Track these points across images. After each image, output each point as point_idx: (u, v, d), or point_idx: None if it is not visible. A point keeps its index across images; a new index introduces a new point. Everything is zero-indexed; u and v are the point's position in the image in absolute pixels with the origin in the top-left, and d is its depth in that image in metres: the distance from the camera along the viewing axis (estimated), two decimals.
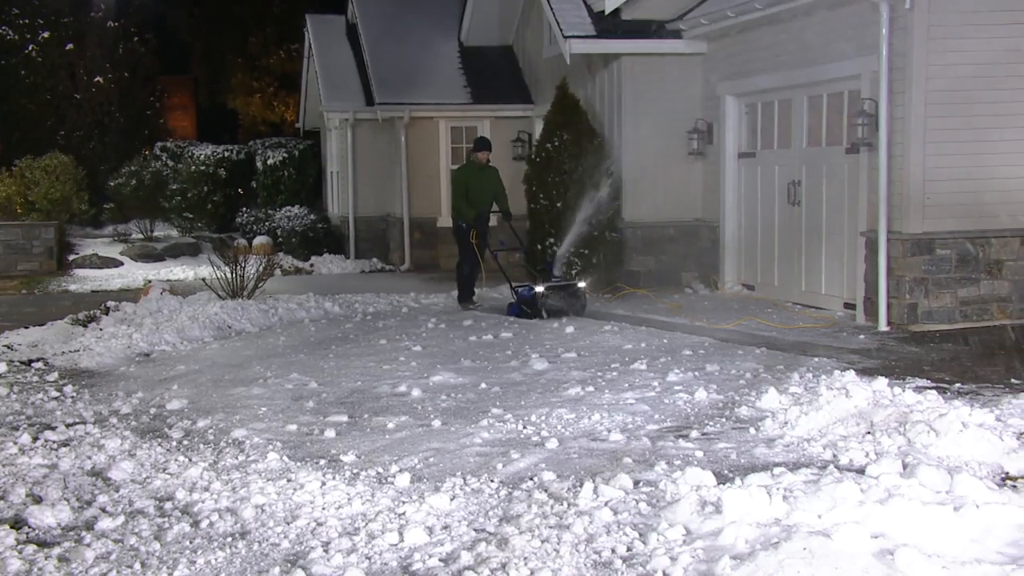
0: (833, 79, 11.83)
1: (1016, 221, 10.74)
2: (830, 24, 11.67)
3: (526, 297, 12.12)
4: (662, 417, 7.15)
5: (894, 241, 10.69)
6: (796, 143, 12.85)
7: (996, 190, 10.61)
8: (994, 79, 10.48)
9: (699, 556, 4.38)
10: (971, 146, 10.53)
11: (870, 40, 10.74)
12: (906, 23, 10.40)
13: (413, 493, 5.49)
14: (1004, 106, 10.54)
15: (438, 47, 19.71)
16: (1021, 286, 10.83)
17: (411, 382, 8.47)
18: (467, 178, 13.33)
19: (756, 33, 13.12)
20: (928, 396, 6.79)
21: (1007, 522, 4.47)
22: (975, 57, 10.39)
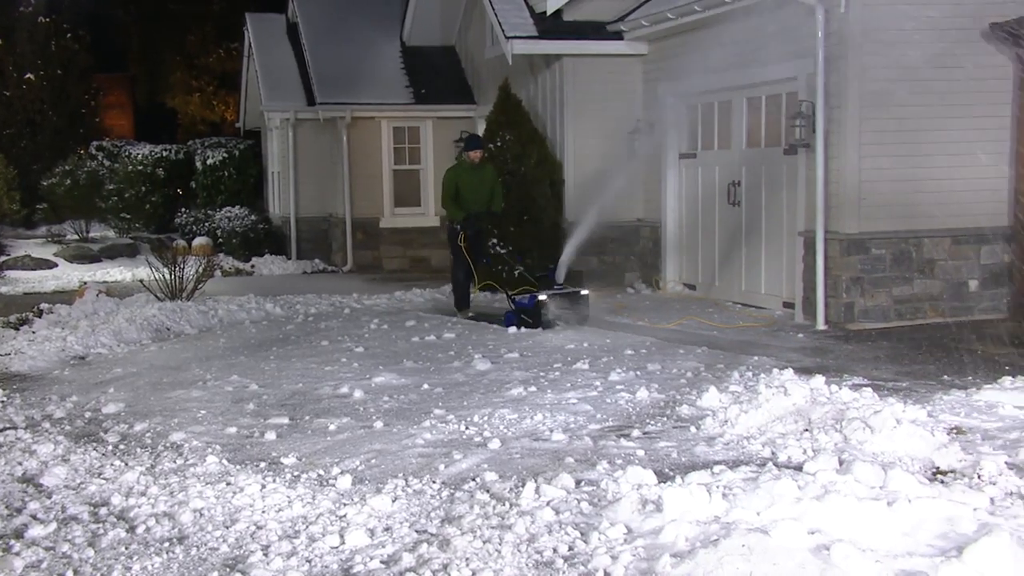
0: (771, 81, 11.99)
1: (948, 221, 10.96)
2: (768, 27, 11.79)
3: (527, 306, 11.21)
4: (604, 416, 7.18)
5: (831, 241, 10.86)
6: (736, 144, 13.00)
7: (928, 191, 10.82)
8: (926, 82, 10.69)
9: (640, 555, 4.41)
10: (904, 148, 10.72)
11: (807, 43, 10.89)
12: (841, 26, 10.57)
13: (355, 495, 5.46)
14: (935, 109, 10.75)
15: (380, 47, 19.62)
16: (952, 285, 11.06)
17: (353, 383, 8.43)
18: (456, 179, 12.51)
19: (696, 35, 13.24)
20: (864, 393, 6.91)
21: (937, 515, 4.55)
22: (908, 60, 10.58)
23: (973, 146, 10.93)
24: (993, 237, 11.08)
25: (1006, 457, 5.59)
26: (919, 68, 10.63)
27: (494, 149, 14.52)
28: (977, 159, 10.94)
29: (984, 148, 10.96)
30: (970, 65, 10.79)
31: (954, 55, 10.73)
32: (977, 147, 10.94)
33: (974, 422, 6.45)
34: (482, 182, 12.55)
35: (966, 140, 10.89)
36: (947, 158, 10.84)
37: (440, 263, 19.07)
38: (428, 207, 19.31)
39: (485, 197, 12.55)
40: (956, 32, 10.72)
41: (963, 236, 11.03)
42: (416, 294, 14.61)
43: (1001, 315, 11.08)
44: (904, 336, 10.19)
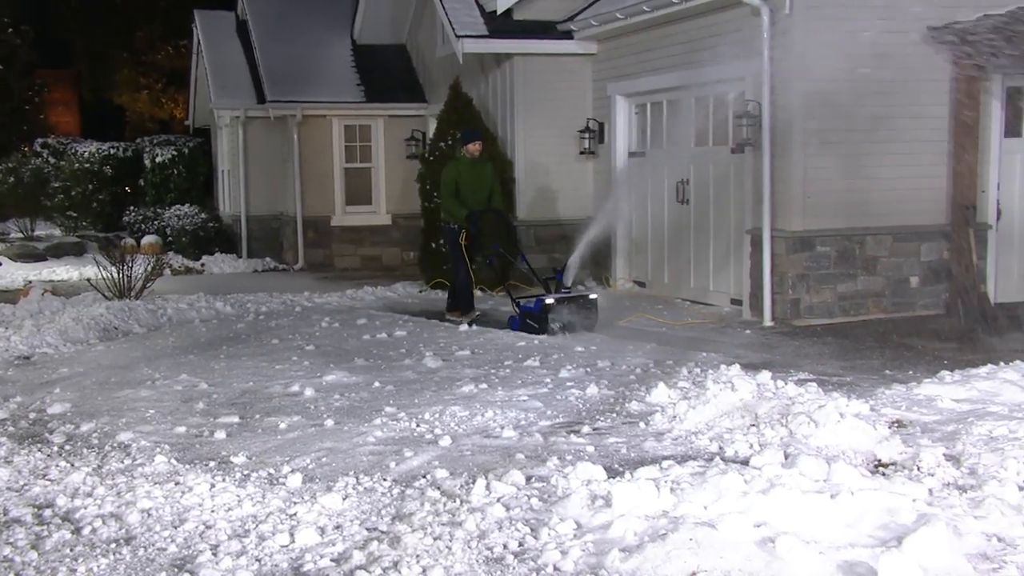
0: (719, 80, 12.06)
1: (890, 219, 11.12)
2: (716, 27, 11.91)
3: (533, 310, 10.57)
4: (554, 413, 7.20)
5: (777, 239, 10.97)
6: (684, 143, 13.09)
7: (871, 189, 10.98)
8: (868, 84, 10.83)
9: (589, 549, 4.43)
10: (847, 147, 10.86)
11: (753, 44, 10.99)
12: (786, 28, 10.68)
13: (305, 493, 5.42)
14: (878, 109, 10.89)
15: (330, 45, 19.50)
16: (894, 282, 11.22)
17: (304, 382, 8.37)
18: (456, 175, 11.67)
19: (645, 35, 13.32)
20: (809, 388, 6.98)
21: (878, 507, 4.62)
22: (849, 62, 10.70)
23: (914, 146, 11.11)
24: (933, 235, 11.27)
25: (944, 449, 5.69)
26: (862, 70, 10.77)
27: (444, 147, 14.53)
28: (918, 159, 11.13)
29: (924, 148, 11.15)
30: (910, 67, 10.96)
31: (895, 57, 10.88)
32: (917, 147, 11.13)
33: (914, 415, 6.55)
34: (482, 178, 11.80)
35: (907, 140, 11.07)
36: (889, 157, 11.00)
37: (391, 261, 19.06)
38: (379, 205, 19.24)
39: (485, 194, 11.80)
40: (897, 35, 10.87)
41: (904, 234, 11.21)
42: (367, 292, 14.56)
43: (940, 311, 11.26)
44: (848, 332, 10.33)
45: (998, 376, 7.22)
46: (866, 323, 10.83)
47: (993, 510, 4.67)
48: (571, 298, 10.71)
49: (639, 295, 13.64)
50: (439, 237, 12.07)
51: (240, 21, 21.29)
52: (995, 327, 10.47)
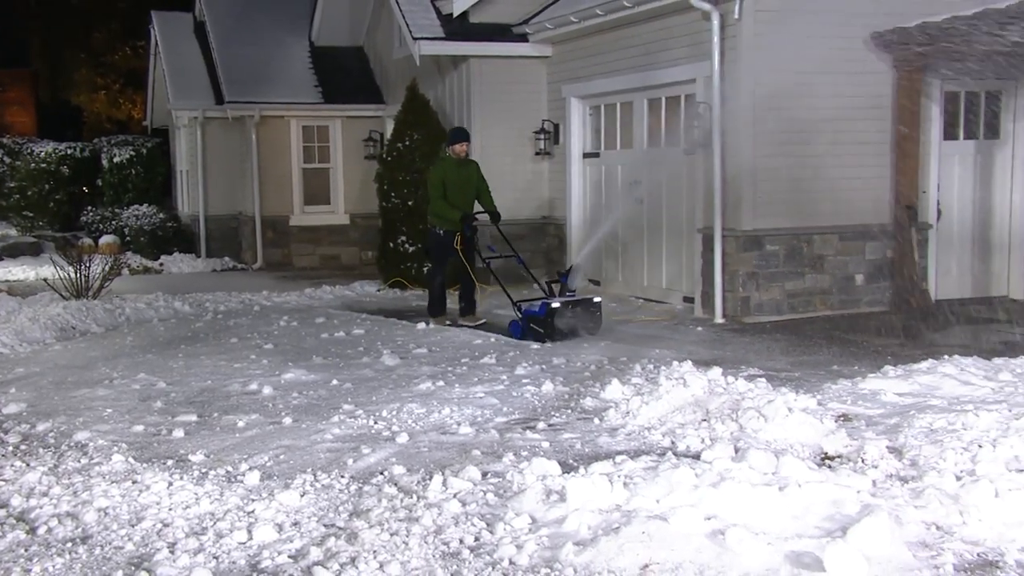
0: (671, 83, 12.15)
1: (836, 219, 11.25)
2: (667, 31, 11.98)
3: (538, 315, 9.96)
4: (510, 410, 7.20)
5: (728, 238, 11.06)
6: (637, 144, 13.15)
7: (818, 190, 11.09)
8: (815, 87, 10.94)
9: (544, 543, 4.43)
10: (795, 148, 10.98)
11: (704, 47, 11.07)
12: (735, 32, 10.77)
13: (263, 491, 5.37)
14: (824, 112, 11.02)
15: (289, 47, 19.38)
16: (840, 279, 11.36)
17: (262, 380, 8.31)
18: (443, 176, 11.08)
19: (598, 38, 13.36)
20: (758, 384, 7.03)
21: (824, 499, 4.67)
22: (796, 66, 10.82)
23: (858, 148, 11.25)
24: (877, 234, 11.41)
25: (887, 442, 5.76)
26: (809, 73, 10.88)
27: (402, 148, 14.49)
28: (862, 160, 11.26)
29: (868, 150, 11.29)
30: (855, 72, 11.09)
31: (840, 62, 11.00)
32: (862, 149, 11.27)
33: (859, 409, 6.63)
34: (469, 179, 11.24)
35: (852, 142, 11.20)
36: (835, 159, 11.12)
37: (350, 260, 18.97)
38: (338, 205, 19.16)
39: (472, 196, 11.26)
40: (842, 40, 10.99)
41: (850, 233, 11.34)
42: (326, 291, 14.48)
43: (884, 308, 11.41)
44: (796, 328, 10.42)
45: (938, 371, 7.33)
46: (813, 320, 10.94)
47: (932, 500, 4.74)
48: (576, 302, 10.17)
49: (594, 293, 13.65)
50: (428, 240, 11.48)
51: (198, 22, 21.09)
52: (936, 323, 10.63)
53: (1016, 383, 7.00)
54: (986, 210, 12.17)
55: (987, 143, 12.14)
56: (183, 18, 21.63)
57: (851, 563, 4.02)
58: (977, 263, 12.17)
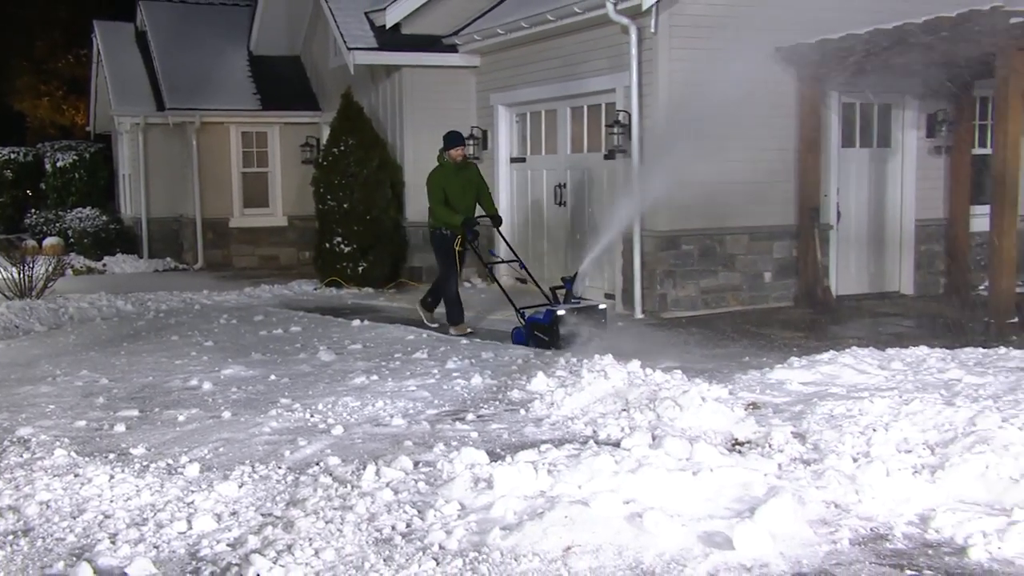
0: (592, 92, 12.22)
1: (746, 220, 11.42)
2: (589, 43, 12.04)
3: (543, 322, 9.34)
4: (441, 402, 7.17)
5: (646, 238, 11.16)
6: (561, 150, 13.20)
7: (730, 193, 11.22)
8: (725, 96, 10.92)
9: (472, 528, 4.42)
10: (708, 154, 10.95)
11: (623, 59, 11.15)
12: (652, 45, 10.87)
13: (202, 482, 5.27)
14: (735, 120, 11.05)
15: (228, 55, 19.11)
16: (750, 277, 11.53)
17: (202, 376, 8.17)
18: (443, 182, 10.41)
19: (524, 49, 13.38)
20: (675, 375, 7.10)
21: (734, 482, 4.74)
22: (707, 77, 10.90)
23: (766, 154, 11.42)
24: (783, 235, 11.61)
25: (792, 427, 5.85)
26: (721, 84, 10.97)
27: (337, 153, 14.35)
28: (770, 165, 11.44)
29: (775, 156, 11.47)
30: (762, 83, 11.23)
31: (749, 74, 11.12)
32: (770, 155, 11.45)
33: (767, 397, 6.72)
34: (468, 183, 10.55)
35: (761, 148, 11.37)
36: (745, 164, 11.27)
37: (288, 261, 18.76)
38: (276, 208, 18.96)
39: (473, 200, 10.58)
40: (750, 54, 11.10)
41: (759, 233, 11.51)
42: (265, 290, 14.30)
43: (790, 303, 11.62)
44: (710, 323, 10.55)
45: (838, 361, 7.48)
46: (726, 315, 11.09)
47: (832, 481, 4.83)
48: (582, 309, 9.53)
49: (522, 291, 13.62)
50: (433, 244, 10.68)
51: (139, 31, 20.67)
52: (836, 317, 10.85)
53: (906, 371, 7.17)
54: (880, 213, 12.47)
55: (880, 151, 12.44)
56: (125, 27, 21.18)
57: (758, 541, 4.08)
58: (873, 261, 12.46)
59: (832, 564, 4.02)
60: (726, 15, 11.01)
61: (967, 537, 4.19)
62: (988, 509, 4.49)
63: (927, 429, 5.44)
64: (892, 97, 12.21)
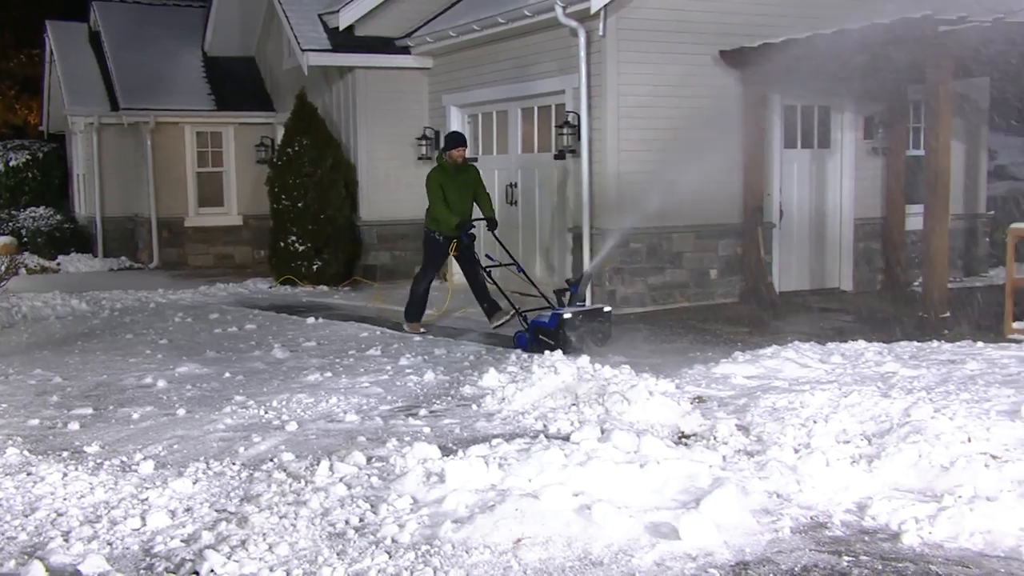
0: (542, 93, 12.23)
1: (692, 218, 11.50)
2: (539, 46, 12.05)
3: (548, 326, 8.80)
4: (394, 398, 7.14)
5: (595, 236, 11.19)
6: (512, 150, 13.21)
7: (677, 192, 11.27)
8: (673, 99, 11.16)
9: (424, 522, 4.40)
10: (655, 154, 11.16)
11: (572, 61, 11.18)
12: (600, 48, 10.90)
13: (157, 479, 5.20)
14: (682, 121, 11.22)
15: (182, 56, 18.86)
16: (696, 274, 11.62)
17: (157, 374, 8.06)
18: (441, 182, 10.02)
19: (476, 51, 13.36)
20: (623, 370, 7.14)
21: (680, 473, 4.77)
22: (654, 79, 11.03)
23: (712, 154, 11.46)
24: (728, 233, 11.71)
25: (736, 420, 5.91)
26: (668, 86, 11.09)
27: (292, 153, 14.22)
28: (715, 165, 11.50)
29: (721, 156, 11.53)
30: (708, 85, 11.36)
31: (695, 76, 11.26)
32: (715, 155, 11.48)
33: (712, 391, 6.79)
34: (466, 185, 10.14)
35: (706, 149, 11.40)
36: (691, 164, 11.27)
37: (243, 259, 18.57)
38: (231, 207, 18.76)
39: (470, 202, 10.18)
40: (695, 56, 11.25)
41: (705, 232, 11.61)
42: (220, 289, 14.14)
43: (735, 299, 11.73)
44: (658, 319, 10.61)
45: (781, 355, 7.57)
46: (673, 311, 11.16)
47: (774, 471, 4.89)
48: (587, 312, 9.09)
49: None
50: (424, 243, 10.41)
51: (93, 32, 20.33)
52: (779, 313, 10.97)
53: (846, 365, 7.27)
54: (821, 211, 12.64)
55: (821, 152, 12.61)
56: (78, 27, 20.81)
57: (703, 531, 4.12)
58: (814, 259, 12.62)
59: (774, 552, 4.07)
60: (673, 19, 11.09)
61: (901, 523, 4.26)
62: (921, 496, 4.58)
63: (865, 420, 5.53)
64: (831, 100, 12.38)
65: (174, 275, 16.78)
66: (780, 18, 11.23)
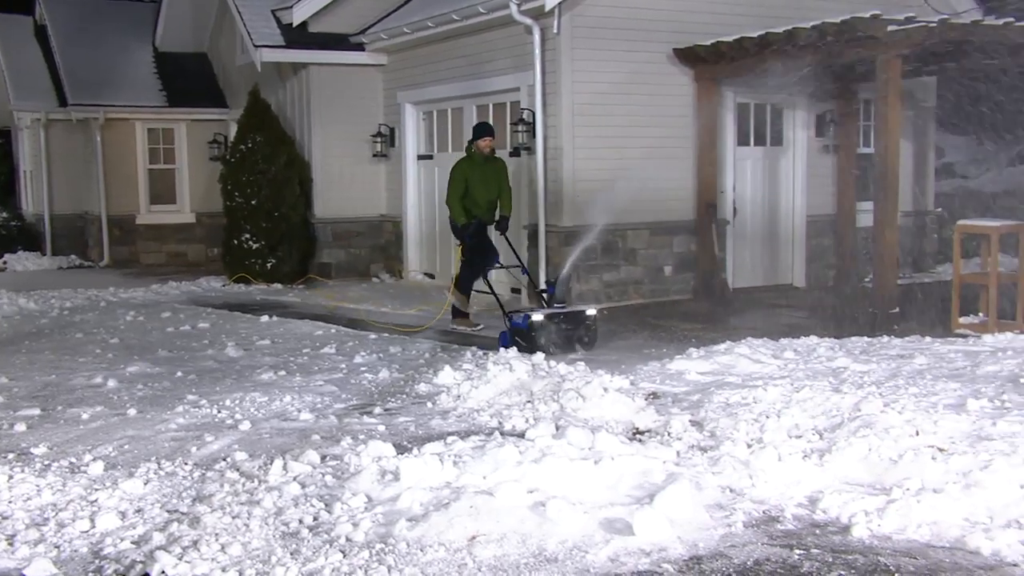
0: (497, 91, 12.22)
1: (647, 216, 11.56)
2: (494, 43, 12.04)
3: (521, 327, 8.54)
4: (349, 396, 7.11)
5: (551, 233, 11.22)
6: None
7: (631, 190, 11.32)
8: (628, 96, 11.21)
9: (379, 520, 4.38)
10: (611, 152, 11.21)
11: (527, 59, 11.18)
12: (555, 46, 10.92)
13: (107, 480, 5.13)
14: (636, 119, 11.30)
15: (132, 51, 18.57)
16: (651, 271, 11.69)
17: (107, 373, 7.93)
18: (466, 174, 9.77)
19: (431, 48, 13.32)
20: (578, 367, 7.17)
21: (634, 469, 4.80)
22: (608, 77, 11.07)
23: (666, 152, 11.59)
24: (682, 230, 11.79)
25: (690, 416, 5.96)
26: (622, 84, 11.14)
27: (245, 150, 14.08)
28: (670, 163, 11.61)
29: (675, 153, 11.65)
30: (662, 83, 11.43)
31: (649, 74, 11.32)
32: (669, 152, 11.61)
33: (667, 387, 6.83)
34: (494, 177, 9.88)
35: (661, 146, 11.53)
36: (646, 162, 11.40)
37: (196, 257, 18.34)
38: (184, 204, 18.51)
39: (495, 196, 9.92)
40: (649, 55, 11.31)
41: (659, 229, 11.68)
42: (172, 287, 13.96)
43: (689, 296, 11.81)
44: (613, 316, 10.64)
45: (734, 351, 7.64)
46: (628, 308, 11.21)
47: (727, 466, 4.93)
48: (564, 313, 8.74)
49: (429, 286, 13.65)
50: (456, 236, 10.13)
51: (39, 26, 19.95)
52: (733, 309, 11.07)
53: (798, 360, 7.36)
54: (774, 209, 12.77)
55: (774, 149, 12.74)
56: (23, 21, 20.41)
57: (657, 526, 4.14)
58: (767, 255, 12.75)
59: (727, 546, 4.10)
60: (627, 17, 11.14)
61: (851, 516, 4.32)
62: (870, 489, 4.64)
63: (816, 415, 5.60)
64: (784, 98, 12.51)
65: (125, 273, 16.53)
66: (734, 16, 11.33)
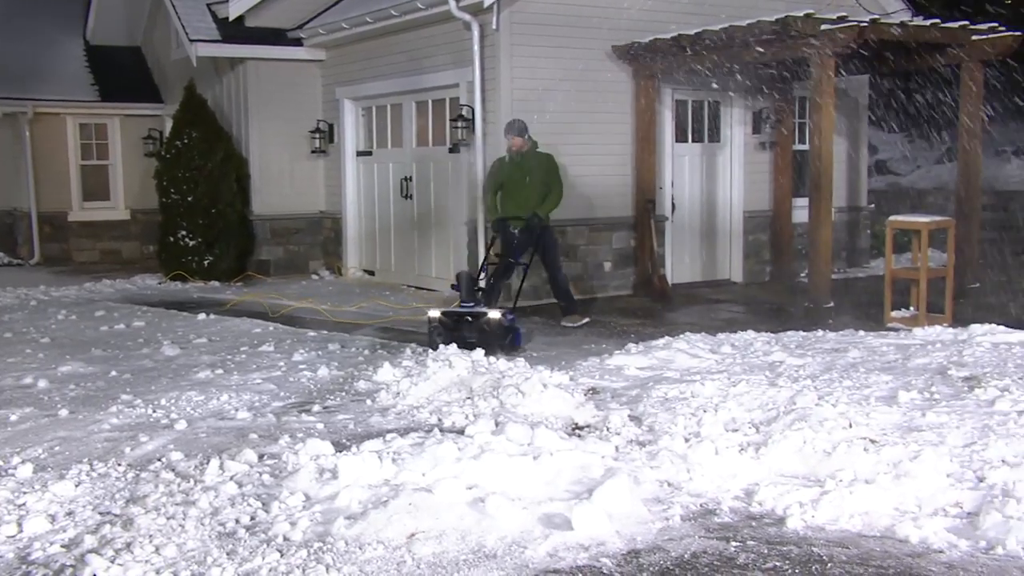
0: (436, 87, 12.19)
1: (586, 212, 11.61)
2: (433, 39, 12.00)
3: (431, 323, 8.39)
4: (287, 394, 7.03)
5: (490, 230, 11.17)
6: (407, 143, 13.12)
7: (572, 186, 11.37)
8: (566, 93, 11.23)
9: (317, 519, 4.34)
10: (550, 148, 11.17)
11: (466, 55, 11.16)
12: (494, 42, 10.92)
13: (36, 483, 5.00)
14: (575, 116, 11.34)
15: (62, 44, 18.11)
16: (591, 266, 11.75)
17: (38, 373, 7.74)
18: (499, 172, 9.70)
19: (369, 44, 13.23)
20: (518, 363, 7.18)
21: (573, 464, 4.82)
22: (548, 73, 11.09)
23: (606, 148, 11.66)
24: (622, 226, 11.87)
25: (628, 411, 6.00)
26: (561, 81, 11.17)
27: (180, 146, 13.85)
28: (609, 159, 11.68)
29: (614, 150, 11.72)
30: (601, 80, 11.49)
31: (588, 71, 11.36)
32: (609, 149, 11.69)
33: (606, 383, 6.88)
34: (526, 176, 9.57)
35: (600, 143, 11.59)
36: (586, 158, 11.46)
37: (131, 255, 17.98)
38: (118, 201, 18.11)
39: (528, 196, 9.53)
40: (588, 52, 11.36)
41: (599, 225, 11.74)
42: (106, 285, 13.67)
43: (629, 291, 11.90)
44: (553, 312, 10.66)
45: (673, 346, 7.71)
46: None
47: (665, 460, 4.98)
48: (460, 314, 8.38)
49: (369, 282, 13.57)
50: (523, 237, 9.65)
51: None
52: (672, 304, 11.18)
53: (735, 355, 7.45)
54: (712, 204, 12.92)
55: (711, 146, 12.88)
56: None
57: (595, 521, 4.16)
58: (705, 251, 12.90)
59: (665, 540, 4.14)
60: (566, 13, 11.17)
61: (786, 508, 4.39)
62: (805, 481, 4.72)
63: (753, 409, 5.68)
64: (721, 95, 12.66)
65: (57, 271, 16.15)
66: (671, 14, 11.42)
